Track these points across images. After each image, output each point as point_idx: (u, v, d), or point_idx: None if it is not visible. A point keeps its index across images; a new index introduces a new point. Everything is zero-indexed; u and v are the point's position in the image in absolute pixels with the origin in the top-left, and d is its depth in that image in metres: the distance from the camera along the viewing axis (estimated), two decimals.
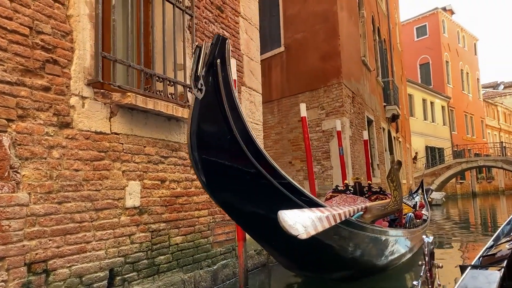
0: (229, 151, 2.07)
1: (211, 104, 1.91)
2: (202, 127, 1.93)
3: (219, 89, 1.91)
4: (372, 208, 3.49)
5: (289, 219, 1.95)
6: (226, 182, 2.18)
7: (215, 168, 2.07)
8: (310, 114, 10.24)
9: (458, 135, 32.74)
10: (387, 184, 3.63)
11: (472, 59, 37.41)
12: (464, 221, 13.70)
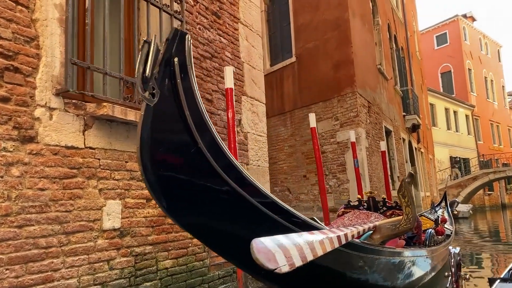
0: (194, 167, 1.73)
1: (168, 111, 1.60)
2: (158, 140, 1.61)
3: (177, 93, 1.59)
4: (382, 227, 3.09)
5: (265, 248, 1.58)
6: (194, 205, 1.84)
7: (177, 189, 1.73)
8: (324, 125, 9.88)
9: (484, 144, 31.51)
10: (399, 199, 3.23)
11: (496, 66, 36.24)
12: (494, 234, 13.09)
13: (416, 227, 5.20)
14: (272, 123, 11.29)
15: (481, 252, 8.55)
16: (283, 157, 10.98)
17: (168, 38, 1.57)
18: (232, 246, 2.02)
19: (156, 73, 1.51)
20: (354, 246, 2.70)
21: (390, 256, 3.29)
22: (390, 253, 3.26)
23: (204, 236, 2.10)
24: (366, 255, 2.85)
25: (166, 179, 1.68)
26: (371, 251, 2.89)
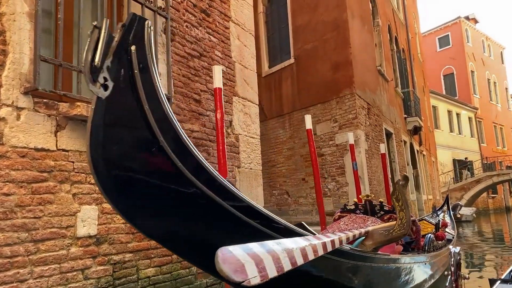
0: (156, 167, 1.56)
1: (124, 106, 1.43)
2: (111, 137, 1.43)
3: (135, 86, 1.42)
4: (374, 233, 2.91)
5: (233, 258, 1.41)
6: (157, 210, 1.66)
7: (136, 192, 1.56)
8: (322, 128, 9.71)
9: (487, 147, 31.22)
10: (392, 203, 3.06)
11: (499, 68, 35.98)
12: (497, 237, 12.96)
13: (415, 232, 5.02)
14: (271, 126, 11.14)
15: (484, 255, 8.53)
16: (281, 159, 10.81)
17: (124, 24, 1.40)
18: (204, 255, 1.85)
19: (109, 62, 1.35)
20: (344, 253, 2.53)
21: (384, 263, 3.12)
22: (384, 260, 3.09)
23: (172, 244, 1.93)
24: (356, 263, 2.68)
25: (122, 181, 1.51)
26: (362, 258, 2.71)
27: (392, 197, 3.00)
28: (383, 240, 2.89)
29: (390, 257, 3.20)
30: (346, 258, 2.59)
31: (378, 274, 3.01)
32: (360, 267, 2.76)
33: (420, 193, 15.52)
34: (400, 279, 3.65)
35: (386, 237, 2.89)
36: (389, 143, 12.19)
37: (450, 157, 27.13)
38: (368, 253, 2.80)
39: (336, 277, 2.67)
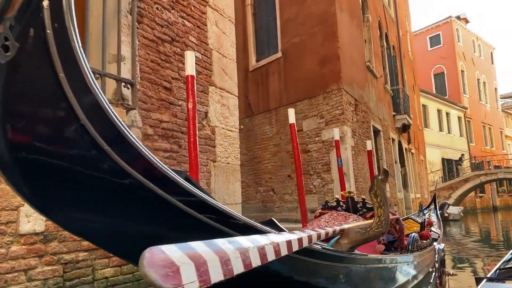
0: (77, 151, 1.29)
1: (32, 72, 1.15)
2: (15, 111, 1.17)
3: (48, 49, 1.15)
4: (350, 231, 2.70)
5: (166, 259, 1.16)
6: (81, 202, 1.41)
7: (49, 179, 1.29)
8: (309, 124, 9.51)
9: (476, 146, 31.34)
10: (370, 199, 2.85)
11: (489, 68, 36.12)
12: (485, 237, 12.93)
13: (398, 230, 4.82)
14: (257, 121, 10.91)
15: (471, 254, 8.54)
16: (267, 156, 10.58)
17: None
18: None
19: (11, 18, 1.09)
20: (314, 253, 2.30)
21: (360, 264, 2.90)
22: (361, 261, 2.87)
23: (109, 246, 1.68)
24: (329, 263, 2.46)
25: (31, 165, 1.25)
26: (335, 258, 2.49)
27: (370, 193, 2.78)
28: (359, 239, 2.67)
29: (369, 257, 2.98)
30: (318, 259, 2.37)
31: (354, 275, 2.79)
32: (333, 268, 2.54)
33: (408, 192, 15.42)
34: (380, 280, 3.44)
35: (362, 236, 2.67)
36: (377, 140, 12.03)
37: (439, 156, 27.16)
38: (342, 253, 2.57)
39: (308, 278, 2.45)
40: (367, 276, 3.15)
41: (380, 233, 2.65)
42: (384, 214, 2.66)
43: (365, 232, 2.68)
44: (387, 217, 2.66)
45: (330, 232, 2.55)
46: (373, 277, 3.30)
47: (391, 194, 12.15)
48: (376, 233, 2.64)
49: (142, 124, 3.34)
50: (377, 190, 2.73)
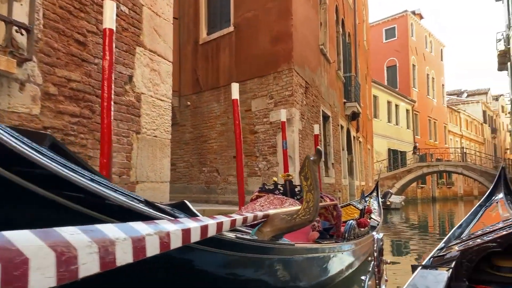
0: None
1: None
2: None
3: None
4: (275, 218, 2.36)
5: None
6: None
7: None
8: (258, 104, 9.14)
9: (421, 139, 32.61)
10: (300, 182, 2.52)
11: (438, 64, 37.51)
12: (423, 226, 13.44)
13: (335, 217, 4.60)
14: (205, 98, 10.39)
15: (409, 242, 8.73)
16: (214, 135, 10.13)
17: None
18: None
19: None
20: (224, 243, 1.93)
21: (286, 255, 2.57)
22: (286, 251, 2.55)
23: None
24: (244, 255, 2.09)
25: None
26: (252, 249, 2.13)
27: (300, 175, 2.44)
28: (284, 226, 2.34)
29: (295, 248, 2.66)
30: (231, 250, 1.99)
31: (279, 268, 2.46)
32: (251, 260, 2.19)
33: (353, 179, 15.61)
34: (310, 271, 3.16)
35: (288, 223, 2.33)
36: (326, 126, 11.92)
37: (386, 146, 27.95)
38: (261, 243, 2.22)
39: (222, 273, 2.07)
40: (295, 268, 2.84)
41: (307, 221, 2.32)
42: (313, 199, 2.34)
43: (291, 219, 2.34)
44: (316, 203, 2.33)
45: (250, 218, 2.19)
46: (302, 269, 3.00)
47: (336, 181, 12.16)
48: (302, 220, 2.31)
49: (42, 80, 2.78)
50: (307, 172, 2.40)
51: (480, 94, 47.58)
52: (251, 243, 2.12)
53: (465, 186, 38.50)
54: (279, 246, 2.42)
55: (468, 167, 24.18)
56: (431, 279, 1.93)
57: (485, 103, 46.35)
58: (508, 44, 17.62)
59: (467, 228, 3.69)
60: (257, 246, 2.17)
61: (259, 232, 2.34)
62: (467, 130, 42.76)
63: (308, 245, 3.02)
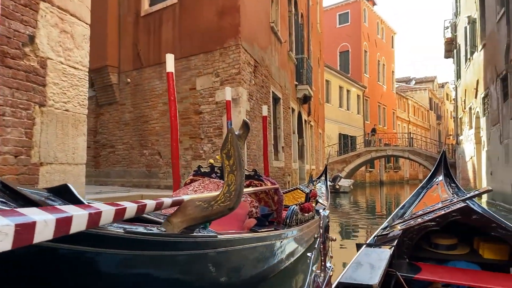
0: None
1: None
2: None
3: None
4: (188, 205, 1.90)
5: None
6: None
7: None
8: (203, 82, 8.58)
9: (370, 124, 33.32)
10: (222, 161, 2.06)
11: (389, 51, 38.32)
12: (371, 208, 13.77)
13: (276, 202, 4.22)
14: (147, 75, 9.66)
15: (357, 223, 8.99)
16: (156, 115, 9.46)
17: None
18: None
19: None
20: (108, 239, 1.45)
21: (204, 249, 2.13)
22: (204, 244, 2.10)
23: None
24: (138, 253, 1.62)
25: None
26: (148, 245, 1.66)
27: (221, 152, 1.99)
28: (199, 216, 1.88)
29: (218, 240, 2.22)
30: (118, 248, 1.52)
31: (195, 264, 2.02)
32: (153, 259, 1.72)
33: (304, 163, 15.50)
34: (240, 263, 2.74)
35: (203, 211, 1.88)
36: (276, 108, 11.58)
37: (337, 131, 28.28)
38: (162, 237, 1.75)
39: (106, 278, 1.59)
40: (221, 262, 2.40)
41: (227, 209, 1.88)
42: (235, 182, 1.89)
43: (208, 206, 1.89)
44: (239, 187, 1.89)
45: (152, 205, 1.71)
46: (230, 262, 2.58)
47: (286, 164, 11.91)
48: (221, 208, 1.87)
49: None
50: (230, 149, 1.95)
51: (427, 82, 49.46)
52: (148, 237, 1.64)
53: (411, 170, 40.08)
54: (193, 240, 1.96)
55: (414, 152, 24.97)
56: (374, 257, 2.00)
57: (432, 90, 48.24)
58: (455, 32, 18.07)
59: (409, 209, 3.88)
60: (157, 241, 1.69)
61: (167, 224, 1.87)
62: (414, 116, 44.38)
63: (236, 236, 2.59)
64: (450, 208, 2.29)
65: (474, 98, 14.33)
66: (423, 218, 2.44)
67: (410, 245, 2.37)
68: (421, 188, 4.69)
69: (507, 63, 9.78)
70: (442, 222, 2.26)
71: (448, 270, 2.20)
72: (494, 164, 11.62)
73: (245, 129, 2.05)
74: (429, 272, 2.12)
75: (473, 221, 2.20)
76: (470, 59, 14.93)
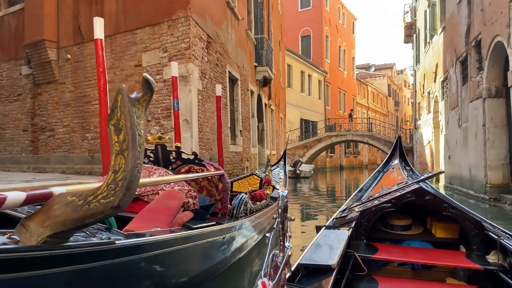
0: None
1: None
2: None
3: None
4: (55, 203, 1.27)
5: None
6: None
7: None
8: (150, 58, 7.78)
9: (331, 110, 33.37)
10: (109, 136, 1.42)
11: (350, 37, 38.34)
12: (331, 192, 13.76)
13: (221, 190, 3.62)
14: (89, 51, 8.69)
15: (317, 207, 9.05)
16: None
17: None
18: None
19: None
20: None
21: (87, 262, 1.50)
22: (84, 256, 1.48)
23: None
24: None
25: None
26: None
27: (108, 124, 1.35)
28: (68, 219, 1.26)
29: (115, 246, 1.61)
30: None
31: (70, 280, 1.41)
32: None
33: (264, 147, 15.00)
34: (158, 273, 2.13)
35: (74, 212, 1.24)
36: (234, 89, 10.92)
37: (299, 116, 28.01)
38: (9, 253, 1.11)
39: None
40: (125, 275, 1.78)
41: (110, 207, 1.24)
42: (125, 168, 1.27)
43: (83, 204, 1.27)
44: (130, 176, 1.27)
45: None
46: (145, 272, 1.97)
47: (244, 149, 11.34)
48: (100, 207, 1.23)
49: None
50: (120, 118, 1.31)
51: (386, 69, 50.23)
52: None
53: (369, 155, 40.77)
54: (67, 251, 1.33)
55: (373, 137, 25.13)
56: (333, 238, 2.03)
57: (390, 77, 49.06)
58: (415, 16, 18.00)
59: (366, 192, 3.95)
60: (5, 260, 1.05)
61: (21, 230, 1.23)
62: (374, 103, 45.02)
63: (150, 239, 1.96)
64: (405, 190, 2.34)
65: (433, 82, 14.28)
66: (379, 200, 2.48)
67: (367, 227, 2.41)
68: (378, 172, 4.82)
69: (467, 44, 9.60)
70: (398, 203, 2.30)
71: (403, 250, 2.29)
72: (452, 148, 11.59)
73: (147, 89, 1.42)
74: (385, 252, 2.19)
75: (426, 202, 2.25)
76: (429, 43, 14.85)
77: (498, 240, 2.00)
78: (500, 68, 8.30)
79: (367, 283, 2.03)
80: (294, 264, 1.57)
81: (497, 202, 8.18)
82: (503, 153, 8.34)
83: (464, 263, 2.02)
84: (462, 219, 2.18)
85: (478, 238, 2.16)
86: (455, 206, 2.22)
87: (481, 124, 8.69)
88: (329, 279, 1.53)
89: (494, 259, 2.01)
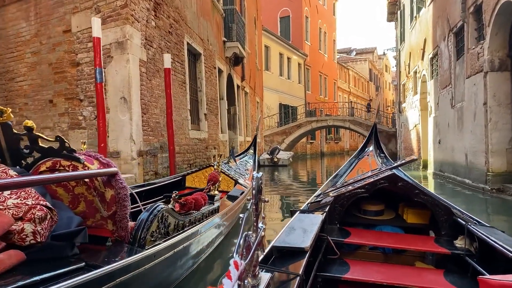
0: None
1: None
2: None
3: None
4: None
5: None
6: None
7: None
8: (80, 21, 6.18)
9: (312, 94, 32.05)
10: None
11: (330, 19, 36.85)
12: (311, 179, 13.00)
13: (111, 201, 2.17)
14: (10, 15, 7.03)
15: (295, 194, 8.95)
16: (23, 70, 6.93)
17: None
18: None
19: None
20: None
21: None
22: None
23: None
24: None
25: None
26: None
27: None
28: None
29: None
30: None
31: None
32: None
33: (236, 134, 13.55)
34: None
35: None
36: (196, 66, 9.39)
37: (277, 101, 26.57)
38: None
39: None
40: None
41: None
42: None
43: None
44: None
45: None
46: None
47: (210, 135, 9.86)
48: None
49: None
50: None
51: (368, 53, 49.07)
52: None
53: (351, 141, 39.80)
54: None
55: (355, 122, 23.95)
56: (307, 222, 2.07)
57: (372, 61, 47.97)
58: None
59: (342, 177, 3.92)
60: None
61: None
62: (355, 87, 43.91)
63: None
64: (379, 176, 2.37)
65: (421, 60, 13.01)
66: (353, 186, 2.48)
67: (341, 211, 2.44)
68: (354, 158, 4.92)
69: (463, 11, 8.28)
70: (371, 189, 2.32)
71: (375, 234, 2.31)
72: (443, 131, 10.37)
73: None
74: (357, 236, 2.22)
75: (399, 188, 2.27)
76: (416, 17, 13.54)
77: (465, 225, 2.02)
78: (505, 35, 7.01)
79: (339, 266, 2.00)
80: (268, 247, 1.61)
81: (501, 193, 6.97)
82: (507, 135, 7.11)
83: (433, 248, 2.05)
84: (433, 205, 2.22)
85: (447, 224, 2.19)
86: (426, 193, 2.23)
87: (482, 103, 7.43)
88: (301, 262, 1.55)
89: (461, 244, 2.02)
